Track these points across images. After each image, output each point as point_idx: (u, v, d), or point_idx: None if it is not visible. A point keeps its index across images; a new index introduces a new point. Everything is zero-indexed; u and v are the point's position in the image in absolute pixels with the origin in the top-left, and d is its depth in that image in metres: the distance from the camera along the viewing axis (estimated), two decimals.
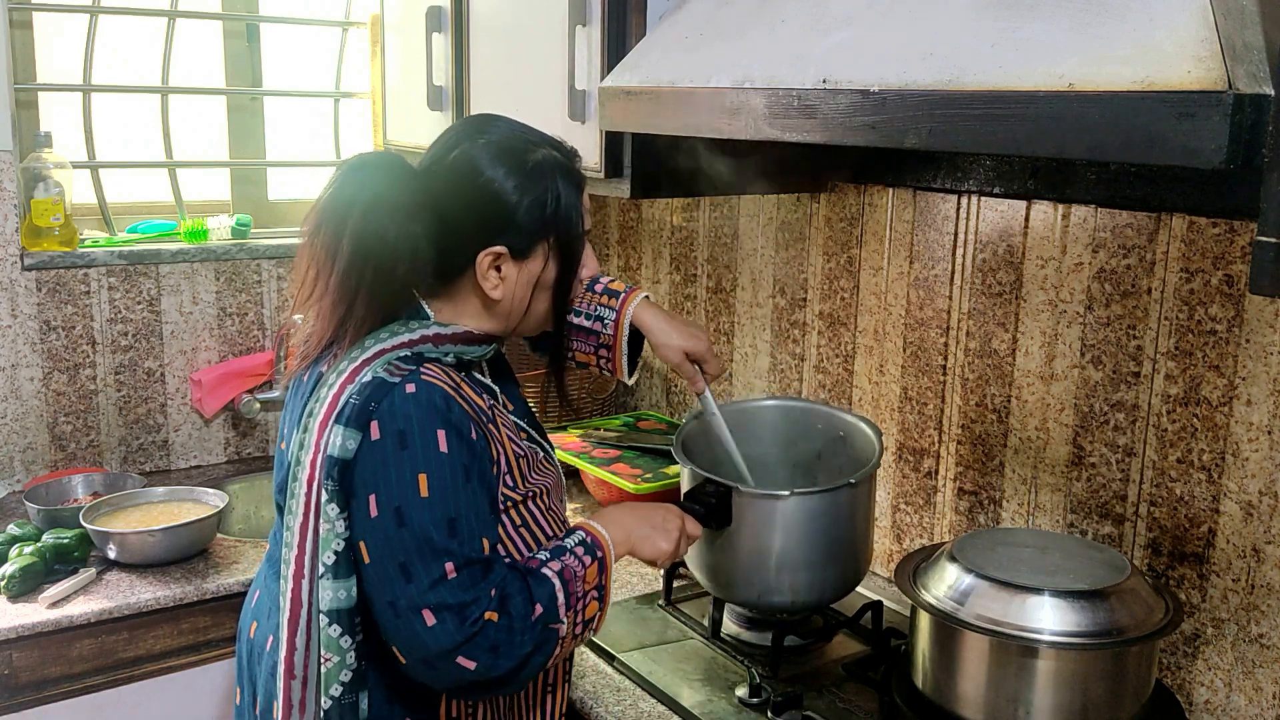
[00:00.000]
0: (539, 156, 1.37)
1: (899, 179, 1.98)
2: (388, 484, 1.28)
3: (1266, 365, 1.49)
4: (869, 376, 2.08)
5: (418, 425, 1.28)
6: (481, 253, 1.36)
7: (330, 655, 1.32)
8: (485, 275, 1.37)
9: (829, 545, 1.70)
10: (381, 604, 1.29)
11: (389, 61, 2.65)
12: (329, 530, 1.31)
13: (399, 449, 1.28)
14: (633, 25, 1.89)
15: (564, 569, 1.35)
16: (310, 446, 1.33)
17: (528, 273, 1.39)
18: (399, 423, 1.28)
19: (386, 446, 1.28)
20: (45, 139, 2.43)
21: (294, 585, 1.34)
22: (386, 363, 1.33)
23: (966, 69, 1.18)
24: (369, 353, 1.34)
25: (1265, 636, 1.53)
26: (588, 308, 1.72)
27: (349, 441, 1.29)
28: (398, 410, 1.29)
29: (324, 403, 1.34)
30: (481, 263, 1.36)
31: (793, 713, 1.59)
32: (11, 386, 2.40)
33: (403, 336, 1.36)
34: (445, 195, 1.37)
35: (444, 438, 1.29)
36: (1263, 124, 0.94)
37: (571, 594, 1.34)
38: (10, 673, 1.91)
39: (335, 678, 1.33)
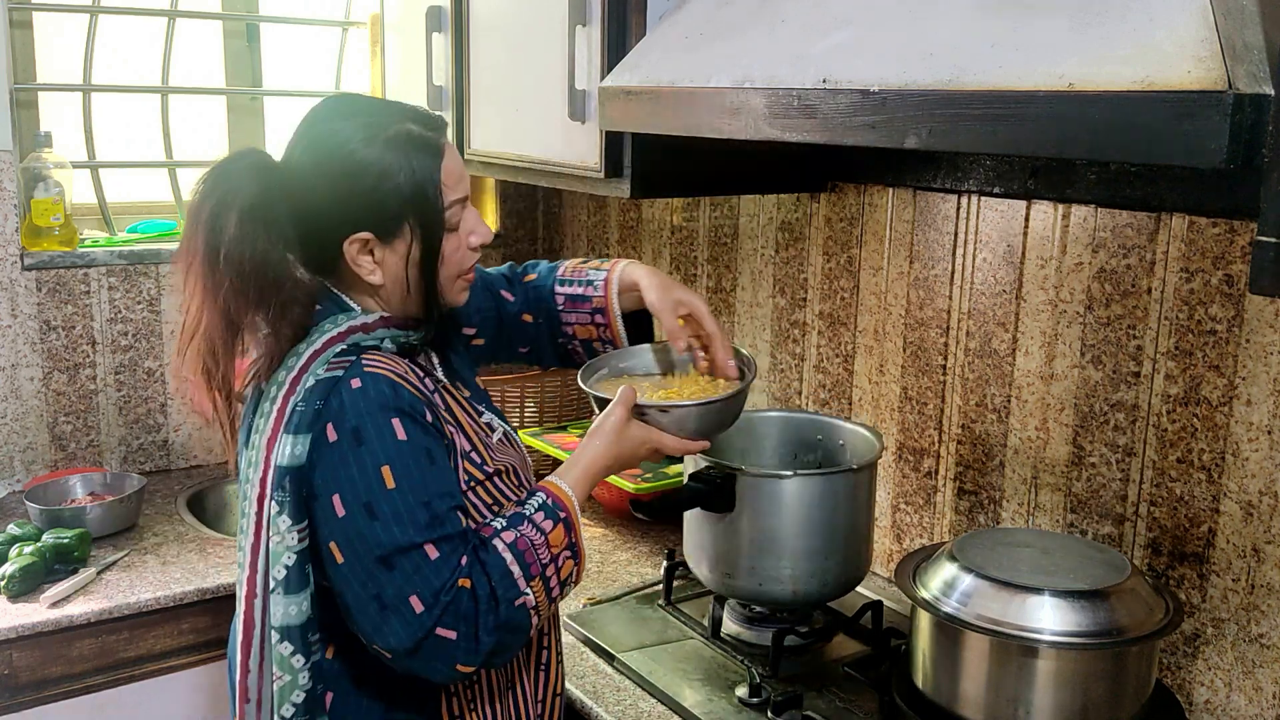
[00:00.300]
0: (390, 134, 1.31)
1: (899, 179, 1.98)
2: (351, 482, 1.25)
3: (1266, 365, 1.49)
4: (869, 376, 2.08)
5: (370, 419, 1.26)
6: (346, 241, 1.31)
7: (281, 674, 1.29)
8: (358, 262, 1.33)
9: (830, 534, 1.71)
10: (364, 599, 1.25)
11: (389, 61, 2.64)
12: (279, 544, 1.28)
13: (356, 445, 1.25)
14: (633, 25, 1.89)
15: (518, 539, 1.31)
16: (260, 464, 1.30)
17: (399, 253, 1.33)
18: (350, 420, 1.26)
19: (343, 445, 1.25)
20: (45, 139, 2.43)
21: (246, 607, 1.31)
22: (324, 362, 1.30)
23: (966, 69, 1.18)
24: (303, 358, 1.31)
25: (1265, 636, 1.53)
26: (577, 274, 1.64)
27: (298, 448, 1.26)
28: (347, 407, 1.26)
29: (269, 418, 1.30)
30: (349, 250, 1.32)
31: (793, 713, 1.59)
32: (11, 386, 2.40)
33: (330, 333, 1.33)
34: (304, 185, 1.32)
35: (399, 426, 1.26)
36: (1263, 124, 0.94)
37: (530, 564, 1.30)
38: (10, 673, 1.91)
39: (286, 697, 1.30)
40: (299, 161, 1.33)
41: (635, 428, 1.44)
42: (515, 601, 1.28)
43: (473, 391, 1.50)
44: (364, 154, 1.29)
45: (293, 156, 1.34)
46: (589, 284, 1.62)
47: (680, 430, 1.47)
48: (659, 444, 1.46)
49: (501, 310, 1.64)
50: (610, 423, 1.43)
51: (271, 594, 1.28)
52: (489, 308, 1.63)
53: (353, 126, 1.31)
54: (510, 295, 1.65)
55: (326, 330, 1.33)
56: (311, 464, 1.27)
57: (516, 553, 1.30)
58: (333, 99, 1.40)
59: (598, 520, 2.33)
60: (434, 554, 1.25)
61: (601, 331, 1.63)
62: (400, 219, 1.31)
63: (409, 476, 1.26)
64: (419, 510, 1.25)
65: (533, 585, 1.30)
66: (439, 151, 1.33)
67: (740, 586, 1.74)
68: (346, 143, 1.30)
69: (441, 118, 1.39)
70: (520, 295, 1.65)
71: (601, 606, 1.93)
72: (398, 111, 1.35)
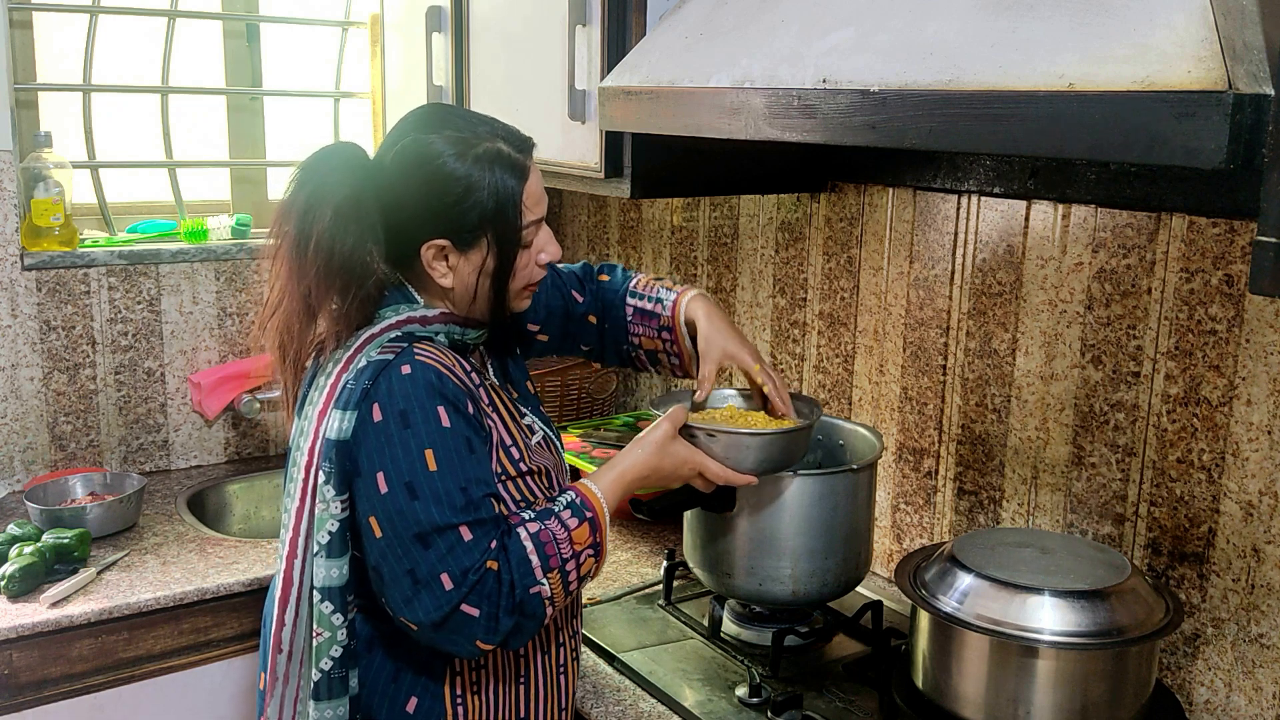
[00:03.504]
0: (480, 151, 1.38)
1: (899, 179, 1.98)
2: (395, 461, 1.32)
3: (1266, 365, 1.49)
4: (869, 376, 2.08)
5: (417, 404, 1.33)
6: (424, 245, 1.39)
7: (322, 630, 1.37)
8: (432, 265, 1.41)
9: (831, 534, 1.71)
10: (398, 574, 1.32)
11: (389, 61, 2.65)
12: (324, 510, 1.35)
13: (403, 428, 1.32)
14: (633, 25, 1.89)
15: (541, 530, 1.37)
16: (309, 434, 1.38)
17: (473, 263, 1.41)
18: (399, 403, 1.33)
19: (390, 426, 1.32)
20: (45, 139, 2.43)
21: (287, 565, 1.39)
22: (379, 345, 1.38)
23: (966, 69, 1.18)
24: (360, 339, 1.39)
25: (1265, 636, 1.53)
26: (649, 290, 1.71)
27: (346, 424, 1.33)
28: (396, 390, 1.33)
29: (322, 391, 1.39)
30: (425, 254, 1.40)
31: (793, 713, 1.59)
32: (11, 386, 2.40)
33: (390, 319, 1.40)
34: (392, 187, 1.40)
35: (444, 413, 1.33)
36: (1263, 124, 0.94)
37: (549, 556, 1.36)
38: (10, 673, 1.91)
39: (325, 652, 1.37)
40: (391, 165, 1.40)
41: (680, 446, 1.52)
42: (531, 589, 1.34)
43: (521, 394, 1.57)
44: (453, 167, 1.37)
45: (385, 159, 1.41)
46: (658, 302, 1.70)
47: (727, 459, 1.52)
48: (702, 466, 1.52)
49: (570, 310, 1.71)
50: (655, 435, 1.50)
51: (315, 557, 1.36)
52: (558, 306, 1.70)
53: (445, 139, 1.38)
54: (580, 296, 1.72)
55: (387, 317, 1.41)
56: (357, 441, 1.34)
57: (538, 544, 1.36)
58: (427, 107, 1.47)
59: None
60: (468, 536, 1.31)
61: (667, 345, 1.70)
62: (479, 232, 1.39)
63: (450, 461, 1.32)
64: (457, 494, 1.32)
65: (549, 577, 1.36)
66: (524, 173, 1.41)
67: (740, 586, 1.74)
68: (439, 154, 1.38)
69: (530, 139, 1.45)
70: (590, 297, 1.73)
71: (601, 606, 1.93)
72: (489, 128, 1.42)
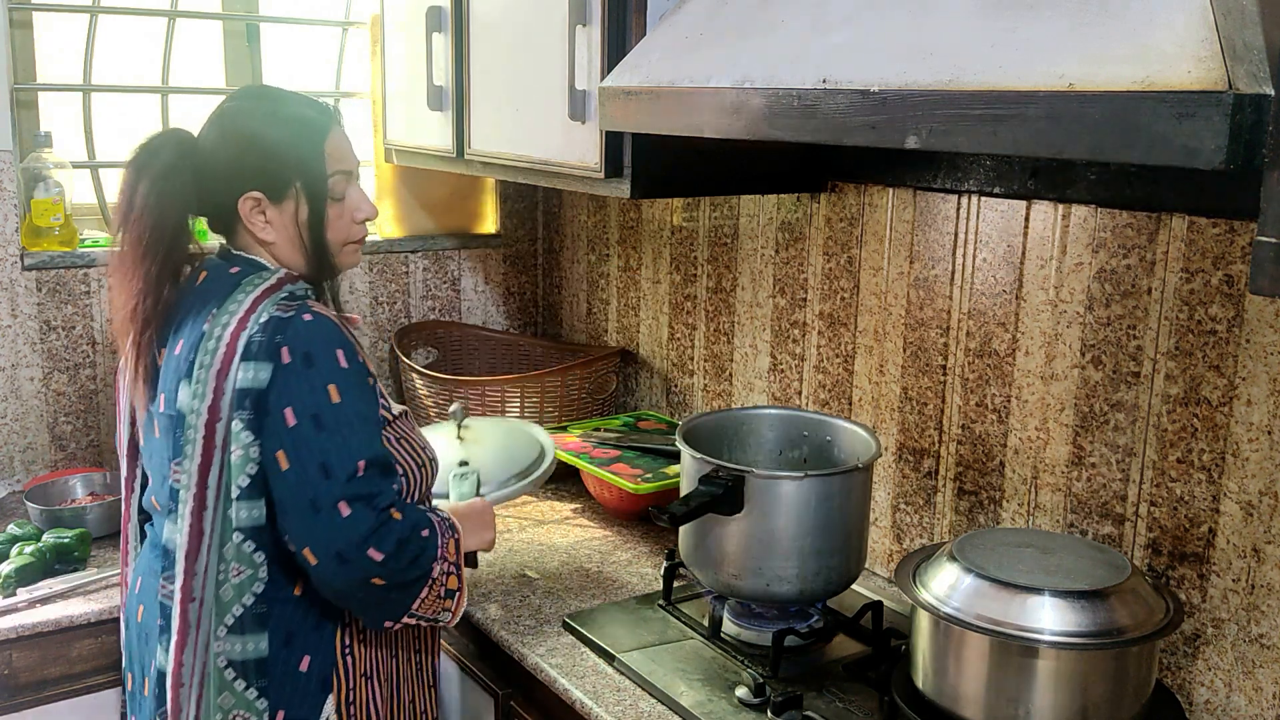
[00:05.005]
0: (285, 112, 1.57)
1: (899, 179, 1.98)
2: (302, 396, 1.46)
3: (1266, 365, 1.49)
4: (869, 376, 2.08)
5: (320, 346, 1.48)
6: (241, 199, 1.54)
7: (242, 568, 1.49)
8: (251, 220, 1.56)
9: (835, 532, 1.72)
10: (301, 504, 1.45)
11: (389, 61, 2.64)
12: (242, 456, 1.46)
13: (307, 367, 1.47)
14: (633, 25, 1.89)
15: (439, 522, 1.56)
16: (207, 395, 1.47)
17: (288, 213, 1.56)
18: (303, 345, 1.47)
19: (296, 365, 1.46)
20: (45, 139, 2.42)
21: (192, 520, 1.48)
22: (274, 303, 1.51)
23: (966, 69, 1.18)
24: (245, 305, 1.50)
25: (1265, 636, 1.53)
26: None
27: (261, 373, 1.46)
28: (301, 335, 1.48)
29: (214, 354, 1.48)
30: (243, 209, 1.55)
31: (793, 713, 1.59)
32: (11, 386, 2.40)
33: (268, 281, 1.54)
34: (207, 153, 1.56)
35: (342, 355, 1.50)
36: (1263, 124, 0.94)
37: (442, 546, 1.54)
38: (10, 673, 1.91)
39: (249, 588, 1.49)
40: (206, 134, 1.58)
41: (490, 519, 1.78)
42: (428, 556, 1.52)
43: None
44: (259, 126, 1.56)
45: (203, 133, 1.59)
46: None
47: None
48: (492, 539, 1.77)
49: None
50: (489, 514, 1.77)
51: (237, 500, 1.47)
52: None
53: (255, 107, 1.59)
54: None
55: (257, 283, 1.54)
56: (270, 384, 1.46)
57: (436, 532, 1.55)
58: (245, 88, 1.71)
59: (598, 520, 2.33)
60: (363, 470, 1.46)
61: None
62: (288, 182, 1.55)
63: (350, 395, 1.48)
64: (359, 425, 1.48)
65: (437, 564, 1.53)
66: (326, 129, 1.58)
67: (746, 587, 1.74)
68: (248, 118, 1.57)
69: (334, 106, 1.67)
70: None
71: (601, 606, 1.93)
72: (296, 98, 1.61)
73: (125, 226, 1.53)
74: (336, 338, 1.50)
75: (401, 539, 1.48)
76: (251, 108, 1.59)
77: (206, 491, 1.48)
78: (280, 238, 1.57)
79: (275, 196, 1.55)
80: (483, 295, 2.98)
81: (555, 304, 3.02)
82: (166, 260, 1.54)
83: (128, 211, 1.53)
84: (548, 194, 2.98)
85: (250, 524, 1.48)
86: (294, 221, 1.57)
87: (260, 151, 1.54)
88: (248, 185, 1.54)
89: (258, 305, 1.51)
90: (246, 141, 1.55)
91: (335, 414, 1.46)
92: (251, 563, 1.49)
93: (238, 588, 1.49)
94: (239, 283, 1.54)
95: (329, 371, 1.48)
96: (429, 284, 2.89)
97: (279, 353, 1.46)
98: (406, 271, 2.85)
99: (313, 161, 1.56)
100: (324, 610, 1.56)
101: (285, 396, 1.46)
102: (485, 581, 2.02)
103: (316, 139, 1.56)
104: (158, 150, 1.55)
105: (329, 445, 1.45)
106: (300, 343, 1.47)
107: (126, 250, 1.53)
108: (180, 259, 1.57)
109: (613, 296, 2.77)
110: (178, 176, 1.54)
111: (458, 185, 2.91)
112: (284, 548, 1.50)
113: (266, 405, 1.45)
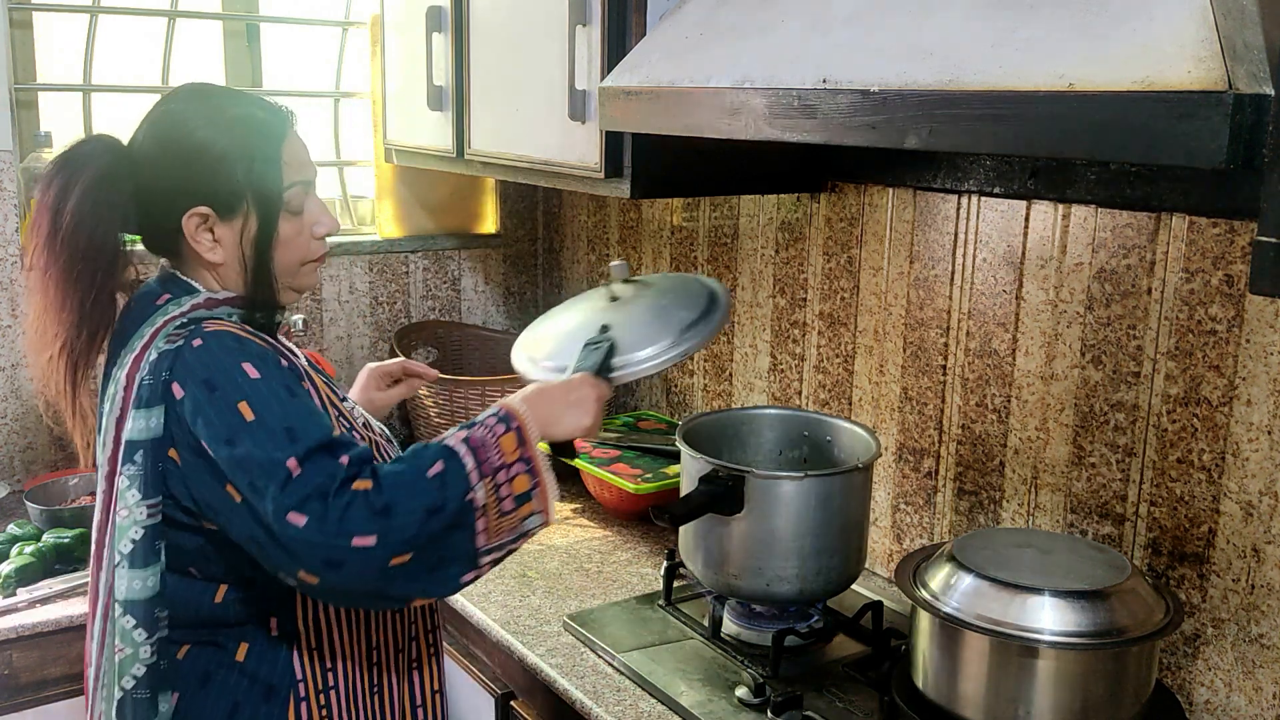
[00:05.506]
0: (232, 115, 1.35)
1: (899, 179, 1.98)
2: (211, 424, 1.25)
3: (1266, 365, 1.49)
4: (869, 376, 2.08)
5: (218, 368, 1.27)
6: (185, 216, 1.34)
7: (123, 646, 1.31)
8: (197, 239, 1.35)
9: (836, 531, 1.72)
10: (260, 536, 1.22)
11: (389, 61, 2.64)
12: (126, 518, 1.29)
13: (209, 393, 1.26)
14: (633, 25, 1.89)
15: (470, 436, 1.30)
16: (108, 445, 1.33)
17: (237, 230, 1.35)
18: (200, 374, 1.27)
19: (198, 396, 1.26)
20: (45, 139, 2.42)
21: (94, 580, 1.35)
22: (165, 337, 1.31)
23: (966, 69, 1.18)
24: (145, 337, 1.32)
25: (1265, 636, 1.53)
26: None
27: (152, 420, 1.28)
28: (192, 363, 1.27)
29: (115, 399, 1.32)
30: (188, 226, 1.34)
31: (793, 713, 1.59)
32: (11, 386, 2.40)
33: (172, 312, 1.34)
34: (145, 163, 1.35)
35: (250, 368, 1.27)
36: (1263, 124, 0.94)
37: (483, 460, 1.28)
38: (10, 673, 1.91)
39: (128, 669, 1.31)
40: (143, 142, 1.37)
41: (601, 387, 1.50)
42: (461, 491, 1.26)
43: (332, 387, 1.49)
44: (205, 133, 1.33)
45: (138, 138, 1.37)
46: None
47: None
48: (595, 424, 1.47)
49: None
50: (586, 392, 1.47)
51: (117, 568, 1.30)
52: None
53: (198, 109, 1.36)
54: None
55: (169, 310, 1.34)
56: (170, 434, 1.28)
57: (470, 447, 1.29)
58: (184, 86, 1.43)
59: (598, 520, 2.33)
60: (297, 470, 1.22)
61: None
62: (239, 195, 1.34)
63: (267, 406, 1.25)
64: (280, 435, 1.24)
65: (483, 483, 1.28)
66: (281, 134, 1.38)
67: (746, 587, 1.74)
68: (190, 123, 1.34)
69: (287, 110, 1.43)
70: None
71: (601, 606, 1.93)
72: (244, 98, 1.41)
73: (52, 245, 1.32)
74: (237, 352, 1.28)
75: (389, 503, 1.22)
76: (195, 109, 1.36)
77: (101, 550, 1.33)
78: (231, 258, 1.36)
79: (225, 212, 1.34)
80: (483, 295, 2.98)
81: (555, 304, 3.01)
82: (103, 286, 1.35)
83: (54, 228, 1.32)
84: (548, 194, 2.98)
85: (129, 596, 1.29)
86: (247, 241, 1.36)
87: (207, 162, 1.33)
88: (193, 200, 1.33)
89: (155, 338, 1.32)
90: (191, 149, 1.33)
91: (253, 432, 1.24)
92: (131, 641, 1.30)
93: (120, 667, 1.31)
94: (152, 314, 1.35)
95: (235, 389, 1.26)
96: (429, 284, 2.89)
97: (169, 391, 1.27)
98: (406, 271, 2.85)
99: (266, 171, 1.35)
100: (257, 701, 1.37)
101: (200, 431, 1.25)
102: (485, 581, 2.02)
103: (271, 145, 1.36)
104: (88, 158, 1.34)
105: (250, 463, 1.22)
106: (195, 372, 1.27)
107: (54, 274, 1.32)
108: (117, 284, 1.37)
109: None
110: (112, 188, 1.34)
111: (458, 185, 2.91)
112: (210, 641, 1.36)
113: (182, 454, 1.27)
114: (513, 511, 1.30)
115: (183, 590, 1.34)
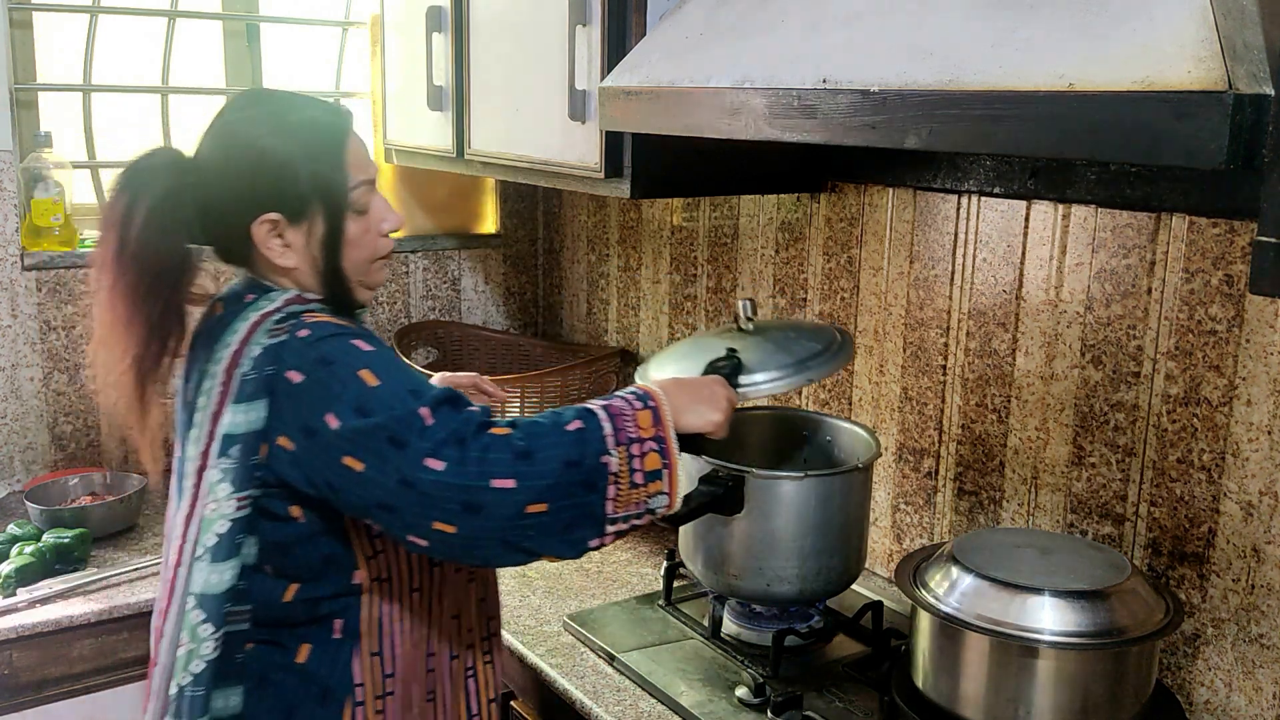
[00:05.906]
0: (293, 120, 1.36)
1: (899, 179, 1.98)
2: (336, 398, 1.26)
3: (1266, 365, 1.49)
4: (869, 376, 2.08)
5: (331, 347, 1.29)
6: (255, 223, 1.34)
7: (186, 640, 1.29)
8: (268, 245, 1.35)
9: (836, 531, 1.73)
10: (395, 490, 1.24)
11: (389, 61, 2.64)
12: (214, 511, 1.29)
13: (328, 368, 1.27)
14: (633, 25, 1.89)
15: (609, 405, 1.33)
16: (202, 439, 1.33)
17: (307, 234, 1.36)
18: (312, 354, 1.28)
19: (316, 374, 1.27)
20: (45, 139, 2.43)
21: (172, 574, 1.34)
22: (266, 331, 1.32)
23: (966, 69, 1.18)
24: (241, 334, 1.33)
25: (1265, 636, 1.53)
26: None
27: (252, 414, 1.28)
28: (303, 349, 1.29)
29: (211, 395, 1.33)
30: (258, 234, 1.34)
31: (793, 713, 1.59)
32: (11, 386, 2.40)
33: (265, 308, 1.35)
34: (210, 175, 1.35)
35: (360, 343, 1.30)
36: (1263, 124, 0.94)
37: (620, 429, 1.30)
38: (10, 673, 1.91)
39: (185, 666, 1.29)
40: (208, 154, 1.37)
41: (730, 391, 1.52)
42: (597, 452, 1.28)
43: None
44: (268, 140, 1.34)
45: (202, 150, 1.37)
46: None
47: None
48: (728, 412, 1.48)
49: None
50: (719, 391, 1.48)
51: (196, 560, 1.30)
52: None
53: (259, 116, 1.36)
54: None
55: (261, 306, 1.35)
56: (282, 420, 1.28)
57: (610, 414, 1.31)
58: (242, 94, 1.44)
59: None
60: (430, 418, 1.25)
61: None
62: (306, 199, 1.34)
63: (387, 371, 1.28)
64: (405, 394, 1.26)
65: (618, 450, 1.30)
66: (343, 135, 1.38)
67: (746, 587, 1.74)
68: (252, 131, 1.34)
69: (347, 109, 1.44)
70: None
71: (601, 606, 1.93)
72: (303, 101, 1.40)
73: (120, 261, 1.32)
74: (345, 330, 1.32)
75: (529, 449, 1.25)
76: (256, 116, 1.36)
77: (185, 544, 1.33)
78: (303, 262, 1.37)
79: (293, 217, 1.34)
80: (483, 295, 2.98)
81: (555, 304, 3.02)
82: (171, 300, 1.35)
83: (121, 244, 1.32)
84: (548, 194, 2.98)
85: (204, 590, 1.29)
86: (315, 243, 1.37)
87: (272, 169, 1.33)
88: (261, 207, 1.33)
89: (253, 334, 1.32)
90: (256, 157, 1.33)
91: (380, 394, 1.26)
92: (195, 636, 1.29)
93: (179, 661, 1.30)
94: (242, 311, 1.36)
95: (353, 359, 1.28)
96: (429, 284, 2.89)
97: (280, 381, 1.28)
98: (406, 271, 2.85)
99: (333, 173, 1.35)
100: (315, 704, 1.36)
101: (318, 407, 1.26)
102: None
103: (334, 147, 1.36)
104: (153, 172, 1.35)
105: (386, 420, 1.24)
106: (307, 355, 1.28)
107: (122, 289, 1.32)
108: (185, 297, 1.37)
109: (613, 296, 2.77)
110: (178, 201, 1.34)
111: (458, 185, 2.91)
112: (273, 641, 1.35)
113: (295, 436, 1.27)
114: (642, 486, 1.32)
115: (254, 587, 1.33)
